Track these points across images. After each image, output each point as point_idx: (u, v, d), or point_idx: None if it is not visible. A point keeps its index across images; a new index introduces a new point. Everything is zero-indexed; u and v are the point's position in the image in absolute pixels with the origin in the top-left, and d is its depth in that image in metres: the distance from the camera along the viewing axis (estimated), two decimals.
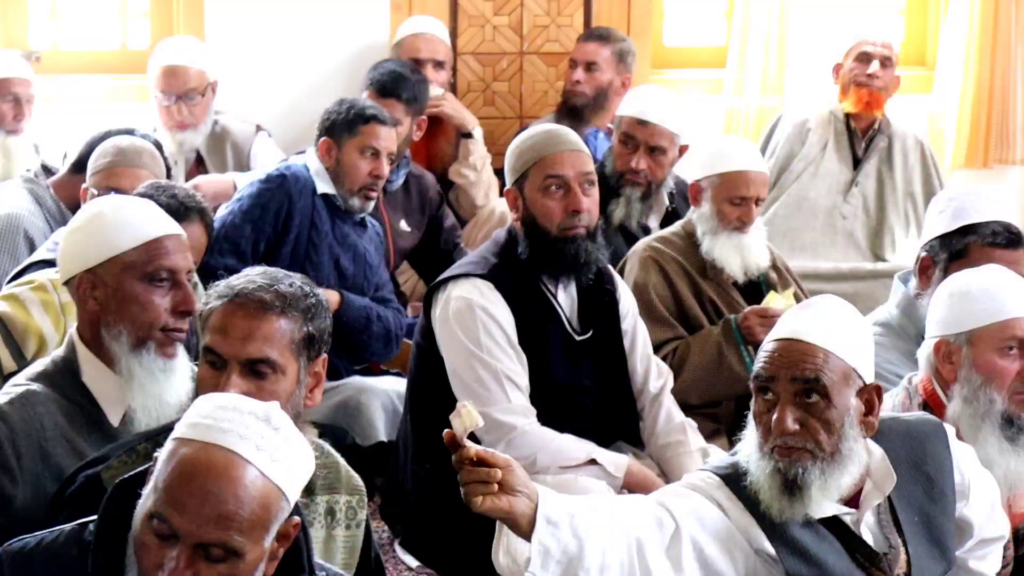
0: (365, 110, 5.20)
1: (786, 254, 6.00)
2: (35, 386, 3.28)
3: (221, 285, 3.03)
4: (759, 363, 3.12)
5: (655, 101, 5.63)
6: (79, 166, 4.96)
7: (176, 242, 3.39)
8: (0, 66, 5.73)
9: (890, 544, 3.16)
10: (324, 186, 5.17)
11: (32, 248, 4.84)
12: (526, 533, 2.91)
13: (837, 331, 3.11)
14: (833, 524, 3.12)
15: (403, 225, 5.81)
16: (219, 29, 6.59)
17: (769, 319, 4.53)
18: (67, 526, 2.56)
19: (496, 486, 2.86)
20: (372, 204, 5.27)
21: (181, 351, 3.41)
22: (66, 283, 3.44)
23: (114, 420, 3.32)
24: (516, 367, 4.34)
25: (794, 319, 3.16)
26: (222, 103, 6.24)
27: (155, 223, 3.39)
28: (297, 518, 2.51)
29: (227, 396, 2.53)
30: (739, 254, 5.00)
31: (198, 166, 6.12)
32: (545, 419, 4.35)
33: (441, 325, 4.38)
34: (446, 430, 2.88)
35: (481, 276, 4.37)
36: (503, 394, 4.30)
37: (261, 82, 6.63)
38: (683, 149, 5.64)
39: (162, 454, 2.44)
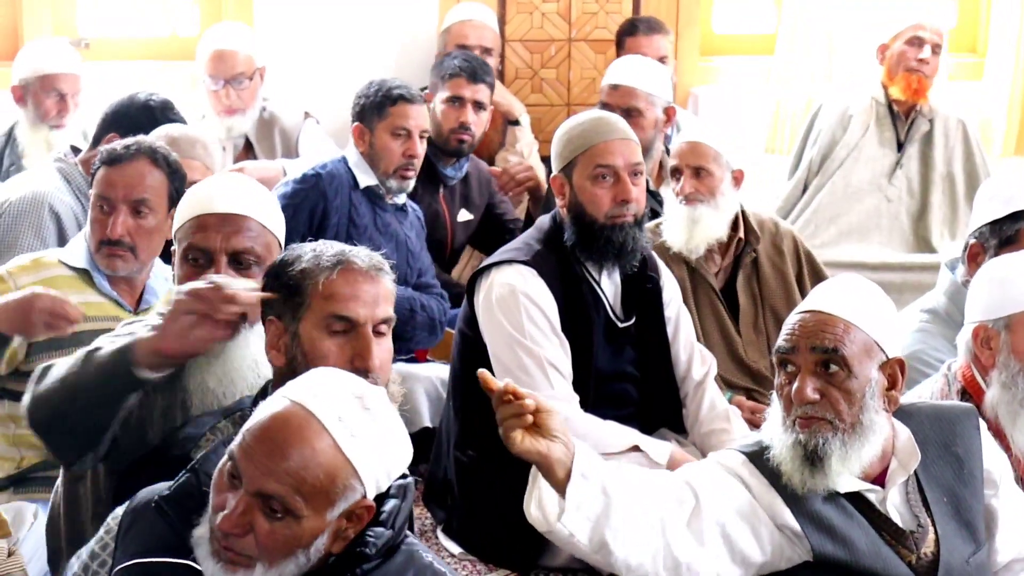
0: (392, 91, 5.20)
1: (832, 239, 5.96)
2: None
3: (309, 254, 3.06)
4: (781, 337, 3.14)
5: (627, 66, 5.79)
6: (98, 140, 5.01)
7: (218, 220, 3.37)
8: (46, 60, 5.75)
9: (919, 523, 3.15)
10: (365, 178, 5.18)
11: (59, 223, 4.86)
12: (560, 483, 2.94)
13: (859, 304, 3.12)
14: (858, 501, 3.12)
15: (462, 215, 5.82)
16: (268, 16, 6.62)
17: None
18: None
19: (530, 417, 2.89)
20: (411, 184, 5.27)
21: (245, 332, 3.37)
22: None
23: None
24: (559, 353, 4.33)
25: (817, 294, 3.18)
26: (270, 90, 6.26)
27: (213, 200, 3.40)
28: (372, 502, 2.54)
29: (343, 372, 2.64)
30: (687, 229, 4.96)
31: (247, 152, 6.14)
32: (588, 406, 4.35)
33: (484, 311, 4.38)
34: (480, 370, 2.93)
35: (524, 262, 4.37)
36: (546, 380, 4.29)
37: (309, 69, 6.65)
38: (669, 111, 5.76)
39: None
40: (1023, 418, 3.52)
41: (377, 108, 5.17)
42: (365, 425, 2.51)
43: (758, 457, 3.11)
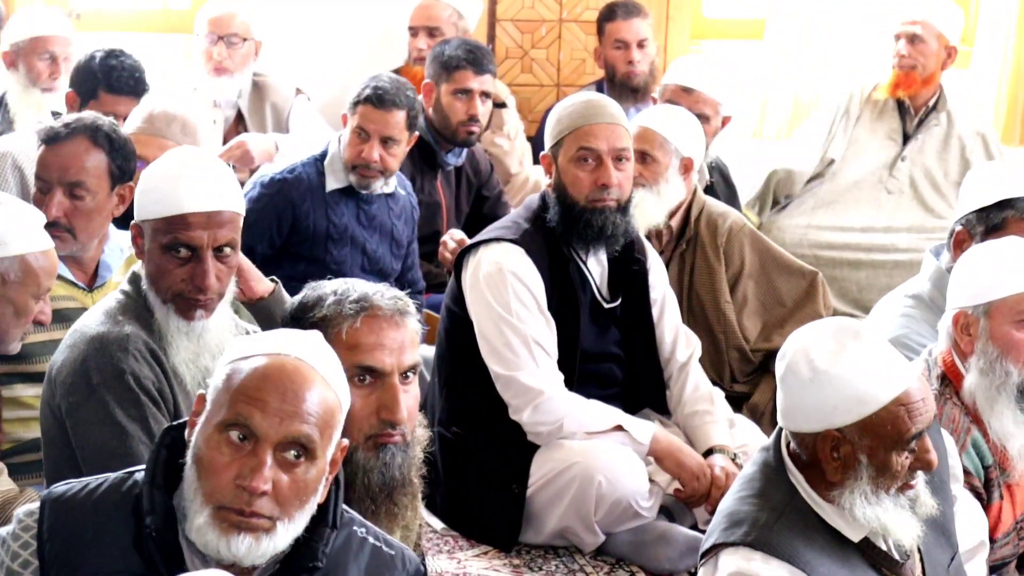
0: (364, 90, 5.02)
1: (834, 236, 6.01)
2: (128, 329, 3.37)
3: (330, 299, 3.00)
4: (912, 424, 2.96)
5: (701, 69, 5.69)
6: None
7: (204, 219, 3.37)
8: (38, 24, 5.78)
9: (906, 550, 3.08)
10: (333, 181, 5.07)
11: (22, 180, 4.86)
12: None
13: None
14: (860, 548, 3.04)
15: (458, 205, 5.82)
16: None
17: None
18: (113, 475, 2.57)
19: None
20: (373, 182, 5.08)
21: (217, 312, 3.44)
22: None
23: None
24: (545, 332, 4.35)
25: (902, 367, 3.04)
26: (263, 66, 6.25)
27: (191, 197, 3.37)
28: (346, 441, 2.56)
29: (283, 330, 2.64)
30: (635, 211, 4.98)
31: (238, 124, 6.14)
32: (572, 385, 4.37)
33: (471, 289, 4.39)
34: None
35: (512, 241, 4.38)
36: (531, 359, 4.31)
37: (302, 45, 6.65)
38: (726, 120, 5.67)
39: (216, 383, 2.49)
40: (1000, 404, 3.56)
41: (352, 104, 5.04)
42: (334, 367, 2.54)
43: (767, 544, 2.95)
